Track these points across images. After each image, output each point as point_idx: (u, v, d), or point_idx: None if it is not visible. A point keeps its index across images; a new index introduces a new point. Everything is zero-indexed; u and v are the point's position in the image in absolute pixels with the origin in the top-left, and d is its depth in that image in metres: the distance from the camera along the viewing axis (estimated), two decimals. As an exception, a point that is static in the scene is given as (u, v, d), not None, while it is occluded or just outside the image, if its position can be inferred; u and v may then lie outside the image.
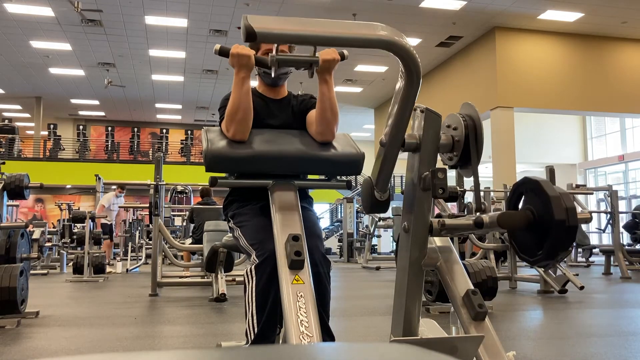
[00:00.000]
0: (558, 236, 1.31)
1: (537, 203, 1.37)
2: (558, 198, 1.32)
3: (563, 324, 3.87)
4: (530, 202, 1.39)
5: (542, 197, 1.35)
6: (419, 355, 0.43)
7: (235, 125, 1.85)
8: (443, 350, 1.38)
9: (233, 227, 1.98)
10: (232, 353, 0.42)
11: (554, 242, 1.32)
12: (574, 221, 1.31)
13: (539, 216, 1.35)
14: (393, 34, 1.27)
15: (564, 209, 1.30)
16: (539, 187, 1.36)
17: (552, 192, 1.33)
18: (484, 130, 1.50)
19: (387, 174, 1.54)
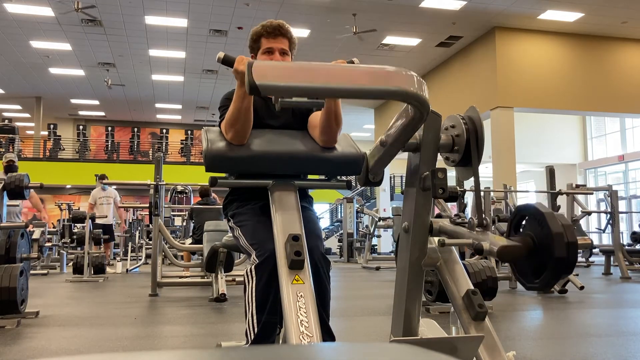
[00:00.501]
0: (557, 270, 1.32)
1: (539, 233, 1.37)
2: (561, 234, 1.32)
3: (563, 324, 3.87)
4: (532, 229, 1.40)
5: (544, 229, 1.35)
6: (419, 355, 0.43)
7: (233, 133, 1.85)
8: (443, 350, 1.37)
9: (233, 227, 1.98)
10: (232, 353, 0.42)
11: (552, 274, 1.33)
12: (574, 256, 1.32)
13: (540, 246, 1.36)
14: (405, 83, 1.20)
15: (566, 245, 1.31)
16: (543, 218, 1.37)
17: (555, 227, 1.33)
18: (484, 132, 1.50)
19: (382, 165, 1.57)
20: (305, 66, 1.18)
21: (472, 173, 1.48)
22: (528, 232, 1.40)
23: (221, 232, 5.48)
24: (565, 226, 1.35)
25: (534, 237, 1.37)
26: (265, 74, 1.13)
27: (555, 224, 1.34)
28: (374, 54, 13.82)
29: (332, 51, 13.61)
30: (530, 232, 1.39)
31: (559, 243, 1.31)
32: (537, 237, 1.37)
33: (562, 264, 1.31)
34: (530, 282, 1.39)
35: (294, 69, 1.18)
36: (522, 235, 1.41)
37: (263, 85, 1.12)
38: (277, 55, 2.02)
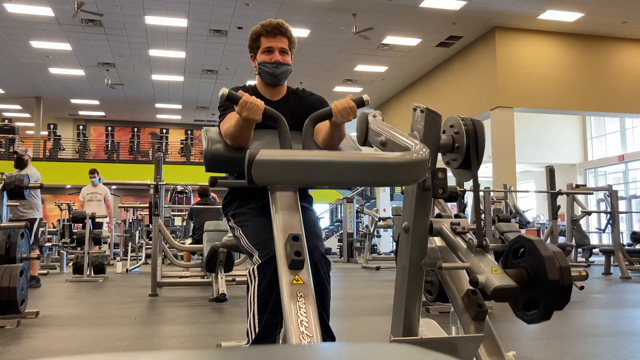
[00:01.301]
0: (552, 296, 1.34)
1: (531, 262, 1.39)
2: (552, 258, 1.34)
3: (563, 324, 3.86)
4: (526, 260, 1.42)
5: (536, 256, 1.38)
6: (419, 355, 0.43)
7: (232, 142, 1.88)
8: (443, 350, 1.37)
9: (234, 227, 1.98)
10: (232, 353, 0.42)
11: (548, 303, 1.35)
12: (567, 281, 1.34)
13: (534, 275, 1.38)
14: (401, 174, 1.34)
15: (558, 269, 1.33)
16: (533, 246, 1.39)
17: (545, 252, 1.35)
18: (485, 134, 1.50)
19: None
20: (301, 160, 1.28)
21: (472, 176, 1.48)
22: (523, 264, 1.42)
23: (221, 232, 5.48)
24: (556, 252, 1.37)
25: (529, 269, 1.40)
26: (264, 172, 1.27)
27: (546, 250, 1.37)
28: (374, 54, 13.83)
29: (332, 51, 13.61)
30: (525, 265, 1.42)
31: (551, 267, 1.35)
32: (531, 267, 1.40)
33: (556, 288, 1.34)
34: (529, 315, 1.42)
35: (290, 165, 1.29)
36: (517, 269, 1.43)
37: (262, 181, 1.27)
38: (277, 54, 2.02)
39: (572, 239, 9.80)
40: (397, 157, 1.27)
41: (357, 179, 1.33)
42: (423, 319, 1.70)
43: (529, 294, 1.39)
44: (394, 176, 1.29)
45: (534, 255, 1.38)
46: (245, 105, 1.70)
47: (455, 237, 1.51)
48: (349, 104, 1.80)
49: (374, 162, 1.28)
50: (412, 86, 16.36)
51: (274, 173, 1.24)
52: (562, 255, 1.36)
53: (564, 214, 8.55)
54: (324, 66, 14.59)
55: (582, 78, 12.63)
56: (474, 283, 1.38)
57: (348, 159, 1.29)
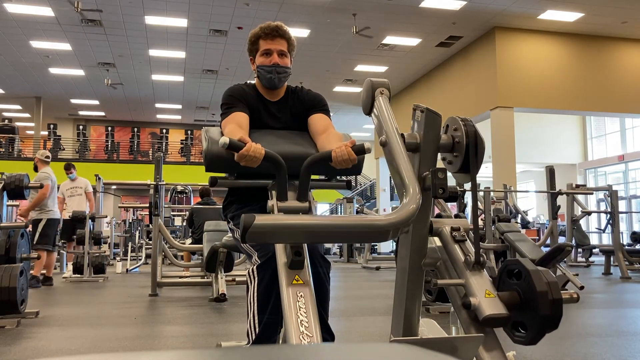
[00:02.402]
0: (542, 327, 1.37)
1: (526, 290, 1.42)
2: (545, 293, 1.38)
3: (563, 324, 3.85)
4: (520, 285, 1.44)
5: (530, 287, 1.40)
6: (419, 355, 0.43)
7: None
8: (443, 350, 1.37)
9: (233, 229, 1.98)
10: (232, 353, 0.42)
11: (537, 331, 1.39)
12: (558, 312, 1.38)
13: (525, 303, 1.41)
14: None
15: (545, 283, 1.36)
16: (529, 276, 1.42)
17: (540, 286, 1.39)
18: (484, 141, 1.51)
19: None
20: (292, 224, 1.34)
21: (470, 179, 1.48)
22: (515, 287, 1.44)
23: (221, 232, 5.48)
24: (551, 284, 1.39)
25: (520, 292, 1.42)
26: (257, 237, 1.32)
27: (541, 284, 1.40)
28: (374, 53, 13.83)
29: (332, 51, 13.61)
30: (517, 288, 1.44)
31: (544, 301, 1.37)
32: (523, 292, 1.42)
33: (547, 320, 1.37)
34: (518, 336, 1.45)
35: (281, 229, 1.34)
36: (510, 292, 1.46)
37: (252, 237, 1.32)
38: (276, 56, 2.01)
39: (572, 239, 9.80)
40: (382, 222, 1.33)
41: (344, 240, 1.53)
42: (423, 319, 1.70)
43: (519, 317, 1.42)
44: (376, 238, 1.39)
45: (528, 284, 1.42)
46: (245, 157, 1.66)
47: (454, 246, 1.51)
48: (349, 154, 1.72)
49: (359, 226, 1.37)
50: (412, 86, 16.36)
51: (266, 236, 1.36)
52: (555, 286, 1.39)
53: (564, 214, 8.56)
54: (324, 66, 14.59)
55: (582, 78, 12.63)
56: (467, 306, 1.40)
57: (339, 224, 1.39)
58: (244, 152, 1.65)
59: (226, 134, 1.87)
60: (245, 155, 1.65)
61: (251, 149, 1.66)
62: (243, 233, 1.29)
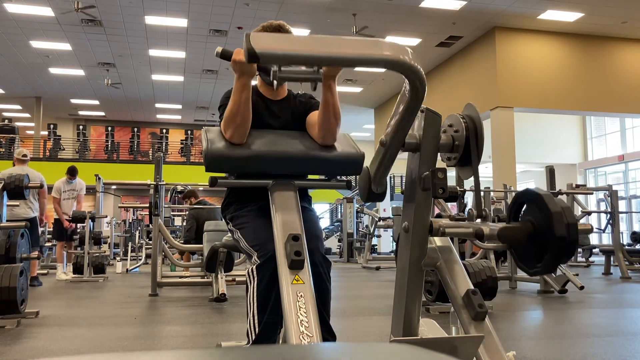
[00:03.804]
0: (558, 251, 1.32)
1: (538, 216, 1.37)
2: (560, 214, 1.32)
3: (563, 324, 3.86)
4: (532, 214, 1.40)
5: (544, 211, 1.35)
6: (419, 355, 0.43)
7: (232, 130, 1.84)
8: (443, 350, 1.37)
9: (233, 230, 1.98)
10: (232, 353, 0.42)
11: (553, 257, 1.33)
12: (574, 237, 1.32)
13: (540, 229, 1.35)
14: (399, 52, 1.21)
15: (565, 225, 1.31)
16: (542, 200, 1.36)
17: (554, 207, 1.33)
18: (484, 131, 1.50)
19: (384, 170, 1.56)
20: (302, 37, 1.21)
21: (472, 171, 1.48)
22: (528, 218, 1.40)
23: (221, 232, 5.48)
24: (564, 208, 1.35)
25: (534, 222, 1.38)
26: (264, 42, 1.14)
27: (555, 205, 1.35)
28: (374, 54, 13.82)
29: (332, 51, 13.60)
30: (530, 217, 1.40)
31: (559, 222, 1.32)
32: (537, 221, 1.37)
33: (563, 244, 1.32)
34: (532, 267, 1.39)
35: (291, 38, 1.22)
36: (522, 221, 1.41)
37: (262, 52, 1.12)
38: None
39: (572, 239, 9.78)
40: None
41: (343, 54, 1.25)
42: (423, 319, 1.70)
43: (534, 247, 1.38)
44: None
45: (541, 209, 1.37)
46: (241, 51, 1.74)
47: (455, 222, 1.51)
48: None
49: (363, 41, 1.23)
50: (412, 86, 16.34)
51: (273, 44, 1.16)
52: (569, 210, 1.36)
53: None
54: (324, 66, 14.56)
55: (582, 78, 12.63)
56: (479, 235, 1.37)
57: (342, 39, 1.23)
58: (236, 56, 1.78)
59: (224, 118, 1.87)
60: (238, 59, 1.77)
61: (241, 52, 1.76)
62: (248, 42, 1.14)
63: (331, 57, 1.19)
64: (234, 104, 1.84)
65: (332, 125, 1.89)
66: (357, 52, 1.20)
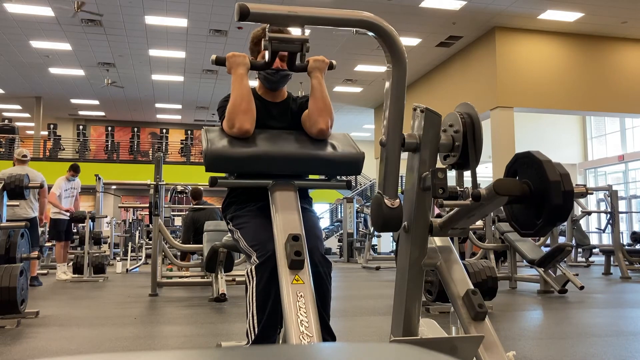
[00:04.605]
0: (555, 200, 1.32)
1: (532, 174, 1.38)
2: (550, 162, 1.34)
3: (563, 324, 3.86)
4: (526, 176, 1.40)
5: (535, 166, 1.36)
6: (419, 355, 0.43)
7: (240, 116, 1.85)
8: (443, 350, 1.37)
9: (233, 230, 1.98)
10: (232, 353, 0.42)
11: (552, 208, 1.33)
12: (569, 185, 1.33)
13: (535, 185, 1.36)
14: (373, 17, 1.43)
15: (558, 174, 1.33)
16: (532, 157, 1.38)
17: (544, 158, 1.35)
18: (482, 129, 1.50)
19: (394, 177, 1.47)
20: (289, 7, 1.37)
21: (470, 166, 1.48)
22: (525, 180, 1.40)
23: (221, 232, 5.48)
24: (563, 175, 1.36)
25: (529, 182, 1.38)
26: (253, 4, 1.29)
27: (544, 157, 1.36)
28: (374, 53, 13.83)
29: (332, 51, 13.60)
30: (527, 180, 1.40)
31: (551, 170, 1.33)
32: (531, 179, 1.38)
33: (558, 191, 1.33)
34: (533, 227, 1.39)
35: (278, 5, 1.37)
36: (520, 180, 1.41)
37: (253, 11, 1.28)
38: (278, 60, 2.01)
39: (572, 239, 9.80)
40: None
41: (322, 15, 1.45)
42: (423, 319, 1.70)
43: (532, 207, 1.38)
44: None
45: (533, 165, 1.38)
46: (232, 57, 1.94)
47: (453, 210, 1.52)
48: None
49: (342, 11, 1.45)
50: (412, 86, 16.36)
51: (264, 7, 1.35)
52: (567, 178, 1.37)
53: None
54: (324, 66, 14.57)
55: (582, 78, 12.63)
56: (476, 196, 1.37)
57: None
58: (229, 54, 1.93)
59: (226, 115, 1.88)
60: (231, 54, 1.93)
61: (235, 53, 1.93)
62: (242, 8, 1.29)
63: (311, 16, 1.35)
64: (236, 94, 1.89)
65: (321, 108, 1.93)
66: (334, 13, 1.39)
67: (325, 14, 1.38)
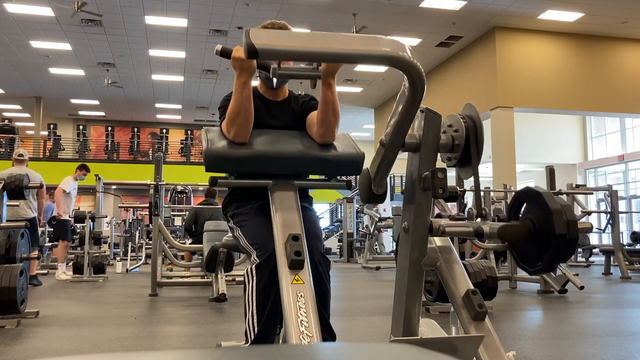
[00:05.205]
0: (558, 249, 1.31)
1: (538, 214, 1.36)
2: (560, 211, 1.32)
3: (563, 324, 3.86)
4: (532, 212, 1.39)
5: (543, 209, 1.35)
6: (419, 355, 0.43)
7: (235, 128, 1.84)
8: (443, 350, 1.37)
9: (233, 227, 1.98)
10: (232, 353, 0.42)
11: (554, 255, 1.32)
12: (574, 234, 1.32)
13: (540, 227, 1.35)
14: (397, 49, 1.21)
15: (565, 222, 1.31)
16: (541, 198, 1.36)
17: (553, 204, 1.33)
18: (484, 131, 1.50)
19: (385, 171, 1.55)
20: (301, 33, 1.22)
21: (472, 171, 1.48)
22: (528, 216, 1.40)
23: (221, 232, 5.48)
24: (564, 205, 1.35)
25: (534, 221, 1.37)
26: (263, 37, 1.14)
27: (554, 203, 1.35)
28: (374, 54, 13.82)
29: (332, 51, 13.60)
30: (529, 216, 1.39)
31: (559, 220, 1.32)
32: (536, 219, 1.37)
33: (563, 241, 1.31)
34: (532, 265, 1.39)
35: (290, 35, 1.22)
36: (522, 220, 1.41)
37: (261, 48, 1.12)
38: None
39: (572, 239, 9.77)
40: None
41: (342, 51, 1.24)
42: (423, 319, 1.70)
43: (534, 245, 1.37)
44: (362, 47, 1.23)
45: (541, 207, 1.36)
46: (239, 49, 1.81)
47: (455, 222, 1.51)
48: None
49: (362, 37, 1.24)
50: (412, 86, 16.34)
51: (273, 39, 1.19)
52: (569, 207, 1.36)
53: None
54: (324, 66, 14.55)
55: (582, 78, 12.63)
56: (479, 233, 1.37)
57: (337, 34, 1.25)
58: (235, 54, 1.82)
59: (226, 119, 1.87)
60: (238, 56, 1.81)
61: (240, 50, 1.80)
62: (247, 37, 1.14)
63: (330, 53, 1.18)
64: (235, 103, 1.85)
65: (331, 123, 1.89)
66: (355, 48, 1.19)
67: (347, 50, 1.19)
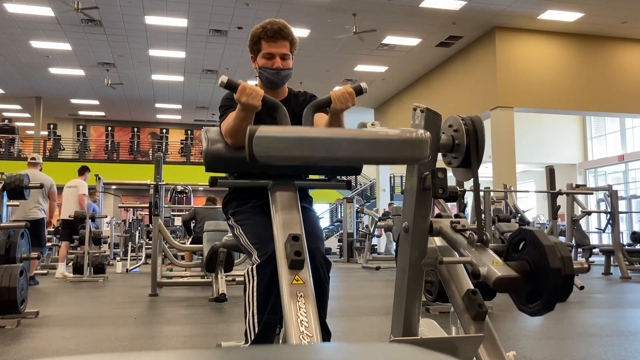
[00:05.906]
0: (555, 285, 1.32)
1: (533, 252, 1.38)
2: (552, 247, 1.33)
3: (563, 324, 3.86)
4: (527, 252, 1.41)
5: (537, 246, 1.36)
6: (419, 355, 0.43)
7: (233, 140, 1.86)
8: (443, 350, 1.37)
9: (233, 225, 1.97)
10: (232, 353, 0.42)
11: (551, 293, 1.34)
12: (570, 270, 1.33)
13: (535, 264, 1.36)
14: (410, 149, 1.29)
15: (560, 258, 1.32)
16: (534, 237, 1.38)
17: (546, 241, 1.35)
18: (484, 132, 1.50)
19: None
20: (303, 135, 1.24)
21: (472, 175, 1.48)
22: (524, 256, 1.41)
23: (221, 232, 5.48)
24: (557, 242, 1.36)
25: (529, 260, 1.38)
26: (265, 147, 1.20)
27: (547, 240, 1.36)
28: (374, 53, 13.83)
29: (332, 51, 13.61)
30: (525, 256, 1.40)
31: (553, 255, 1.33)
32: (532, 258, 1.38)
33: (558, 277, 1.32)
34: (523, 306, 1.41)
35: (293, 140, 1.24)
36: (519, 261, 1.41)
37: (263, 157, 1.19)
38: (278, 60, 2.00)
39: (572, 239, 9.78)
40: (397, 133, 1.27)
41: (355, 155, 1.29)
42: (423, 319, 1.70)
43: (531, 286, 1.38)
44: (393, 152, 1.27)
45: (535, 245, 1.37)
46: (245, 90, 1.74)
47: (455, 235, 1.50)
48: (347, 90, 1.81)
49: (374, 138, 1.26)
50: (412, 86, 16.36)
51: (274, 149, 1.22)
52: (563, 245, 1.36)
53: (564, 214, 8.56)
54: (324, 66, 14.58)
55: (582, 78, 12.63)
56: (476, 275, 1.37)
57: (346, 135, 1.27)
58: (243, 86, 1.74)
59: (224, 128, 1.87)
60: (245, 89, 1.74)
61: (247, 88, 1.74)
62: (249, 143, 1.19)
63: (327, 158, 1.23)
64: (234, 126, 1.83)
65: None
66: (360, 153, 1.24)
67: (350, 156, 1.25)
